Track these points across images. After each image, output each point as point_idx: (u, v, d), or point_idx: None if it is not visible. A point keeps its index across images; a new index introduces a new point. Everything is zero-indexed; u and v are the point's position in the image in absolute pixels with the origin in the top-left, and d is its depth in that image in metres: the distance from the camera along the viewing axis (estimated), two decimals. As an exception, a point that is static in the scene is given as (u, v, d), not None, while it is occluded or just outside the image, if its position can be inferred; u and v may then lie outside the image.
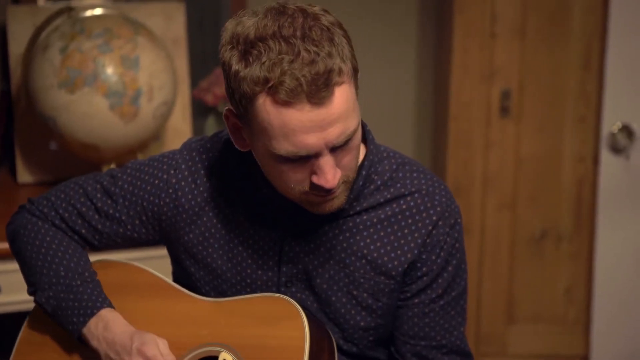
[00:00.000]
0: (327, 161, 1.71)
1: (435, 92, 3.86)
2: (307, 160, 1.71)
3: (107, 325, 1.89)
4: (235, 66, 1.68)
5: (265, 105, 1.67)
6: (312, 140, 1.68)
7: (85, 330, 1.91)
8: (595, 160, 3.60)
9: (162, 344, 1.88)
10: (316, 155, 1.70)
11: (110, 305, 1.93)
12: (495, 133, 3.62)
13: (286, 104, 1.65)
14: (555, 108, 3.59)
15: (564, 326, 3.76)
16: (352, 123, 1.71)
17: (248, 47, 1.67)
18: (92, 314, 1.90)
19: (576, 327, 3.75)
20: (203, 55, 3.50)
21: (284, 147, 1.69)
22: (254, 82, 1.66)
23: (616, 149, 3.55)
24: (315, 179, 1.72)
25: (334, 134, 1.68)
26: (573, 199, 3.66)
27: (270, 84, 1.65)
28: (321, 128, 1.67)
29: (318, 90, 1.64)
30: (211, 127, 3.50)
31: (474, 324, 3.75)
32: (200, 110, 3.48)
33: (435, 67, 3.85)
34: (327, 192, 1.75)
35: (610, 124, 3.53)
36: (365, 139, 1.90)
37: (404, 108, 3.89)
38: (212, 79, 3.44)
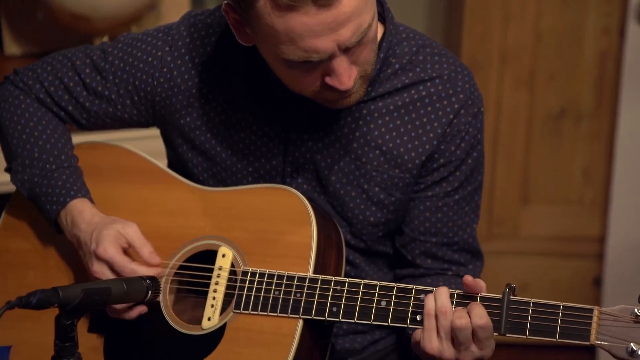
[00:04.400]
0: (340, 63, 1.64)
1: (451, -40, 3.79)
2: (320, 62, 1.64)
3: (74, 221, 1.85)
4: None
5: (266, 10, 1.60)
6: (322, 43, 1.61)
7: (58, 221, 1.87)
8: (621, 33, 3.53)
9: (130, 233, 1.78)
10: (329, 57, 1.64)
11: (84, 195, 1.86)
12: (514, 5, 3.54)
13: (289, 8, 1.58)
14: (579, -23, 3.56)
15: (580, 207, 3.75)
16: (367, 17, 1.63)
17: None
18: (65, 203, 1.85)
19: (593, 209, 3.74)
20: None
21: (292, 52, 1.63)
22: None
23: (644, 21, 3.53)
24: (329, 81, 1.67)
25: (347, 34, 1.61)
26: (595, 75, 3.60)
27: None
28: (331, 30, 1.60)
29: None
30: (212, -4, 3.46)
31: (487, 205, 3.72)
32: (200, -22, 3.39)
33: None
34: (343, 92, 1.69)
35: (640, -7, 3.50)
36: (384, 18, 1.83)
37: (416, -23, 3.82)
38: (213, -56, 3.32)
